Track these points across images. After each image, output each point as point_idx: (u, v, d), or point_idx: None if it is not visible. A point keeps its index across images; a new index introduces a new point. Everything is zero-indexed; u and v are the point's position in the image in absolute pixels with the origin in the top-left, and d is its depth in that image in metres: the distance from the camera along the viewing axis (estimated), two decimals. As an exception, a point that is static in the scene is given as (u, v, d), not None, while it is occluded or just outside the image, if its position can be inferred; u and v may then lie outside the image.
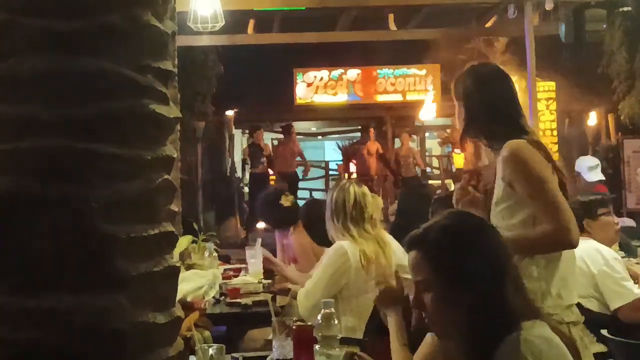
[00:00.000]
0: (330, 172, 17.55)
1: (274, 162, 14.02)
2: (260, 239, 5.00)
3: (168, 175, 2.24)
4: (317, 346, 2.61)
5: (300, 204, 5.44)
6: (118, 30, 2.11)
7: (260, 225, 8.37)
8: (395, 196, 12.97)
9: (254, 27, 11.89)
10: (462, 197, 2.94)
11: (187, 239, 4.40)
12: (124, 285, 2.04)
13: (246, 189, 15.32)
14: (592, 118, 14.88)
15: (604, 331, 3.48)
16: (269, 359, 2.84)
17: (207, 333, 3.07)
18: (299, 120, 17.09)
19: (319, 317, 2.65)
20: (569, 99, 13.02)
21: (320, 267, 3.78)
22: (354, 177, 14.20)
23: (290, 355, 2.70)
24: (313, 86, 15.63)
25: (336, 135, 19.75)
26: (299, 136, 16.05)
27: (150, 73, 2.18)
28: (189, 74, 10.55)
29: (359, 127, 16.38)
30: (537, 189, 2.66)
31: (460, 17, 12.89)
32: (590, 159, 6.93)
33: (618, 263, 3.90)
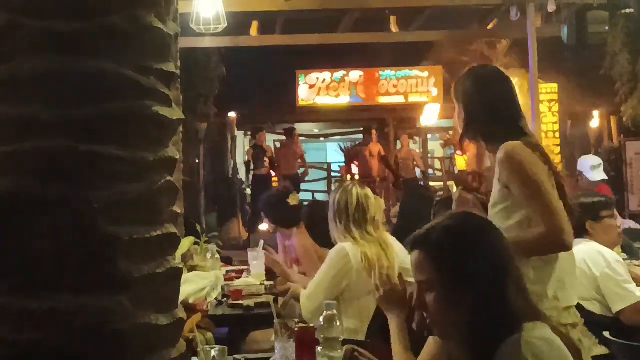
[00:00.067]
0: (333, 174, 17.54)
1: (276, 164, 14.02)
2: (262, 241, 4.99)
3: (170, 177, 2.24)
4: (319, 348, 2.61)
5: (302, 205, 5.44)
6: (119, 31, 2.11)
7: (263, 227, 8.35)
8: (397, 198, 12.97)
9: (257, 29, 11.90)
10: (461, 205, 2.96)
11: (190, 241, 4.39)
12: (126, 286, 2.04)
13: (248, 191, 15.32)
14: (595, 120, 14.89)
15: (606, 333, 3.47)
16: (271, 360, 2.84)
17: (209, 335, 3.06)
18: (301, 122, 17.11)
19: (321, 319, 2.65)
20: (571, 101, 13.03)
21: (321, 268, 3.77)
22: (357, 179, 14.19)
23: (292, 357, 2.69)
24: (315, 88, 15.61)
25: (338, 137, 19.74)
26: (301, 138, 16.04)
27: (152, 74, 2.19)
28: (191, 75, 10.57)
29: (361, 129, 16.34)
30: (532, 190, 2.65)
31: (462, 19, 12.86)
32: (592, 158, 6.87)
33: (620, 265, 3.89)
